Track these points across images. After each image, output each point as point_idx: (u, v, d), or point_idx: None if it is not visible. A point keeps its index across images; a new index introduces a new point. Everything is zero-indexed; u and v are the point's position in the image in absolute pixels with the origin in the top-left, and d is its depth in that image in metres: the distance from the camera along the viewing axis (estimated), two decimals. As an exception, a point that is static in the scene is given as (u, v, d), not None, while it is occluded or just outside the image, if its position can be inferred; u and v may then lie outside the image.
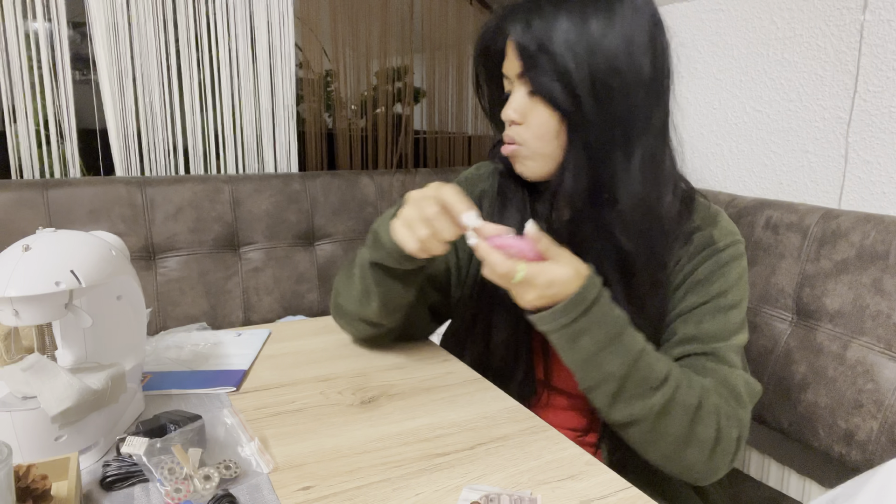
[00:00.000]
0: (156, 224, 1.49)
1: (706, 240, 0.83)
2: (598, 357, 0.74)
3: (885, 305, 0.97)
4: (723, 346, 0.80)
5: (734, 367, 0.80)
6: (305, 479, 0.64)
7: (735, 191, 1.42)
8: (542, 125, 0.79)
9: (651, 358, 0.75)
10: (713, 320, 0.81)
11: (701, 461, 0.76)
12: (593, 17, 0.75)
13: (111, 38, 1.50)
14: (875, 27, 1.15)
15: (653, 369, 0.74)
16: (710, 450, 0.76)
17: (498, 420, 0.77)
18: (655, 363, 0.75)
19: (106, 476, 0.63)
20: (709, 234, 0.84)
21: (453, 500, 0.61)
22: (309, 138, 1.81)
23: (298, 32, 1.74)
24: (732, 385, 0.78)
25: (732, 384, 0.78)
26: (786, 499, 1.13)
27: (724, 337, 0.81)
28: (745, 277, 0.85)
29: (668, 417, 0.74)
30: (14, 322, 0.63)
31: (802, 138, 1.29)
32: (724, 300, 0.82)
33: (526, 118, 0.80)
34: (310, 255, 1.65)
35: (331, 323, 1.14)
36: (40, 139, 1.50)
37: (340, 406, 0.81)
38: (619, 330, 0.74)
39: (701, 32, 1.48)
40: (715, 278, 0.82)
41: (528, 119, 0.80)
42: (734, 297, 0.83)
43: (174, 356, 0.95)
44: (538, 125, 0.80)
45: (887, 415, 0.94)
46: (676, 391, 0.74)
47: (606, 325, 0.74)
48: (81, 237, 0.69)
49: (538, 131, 0.80)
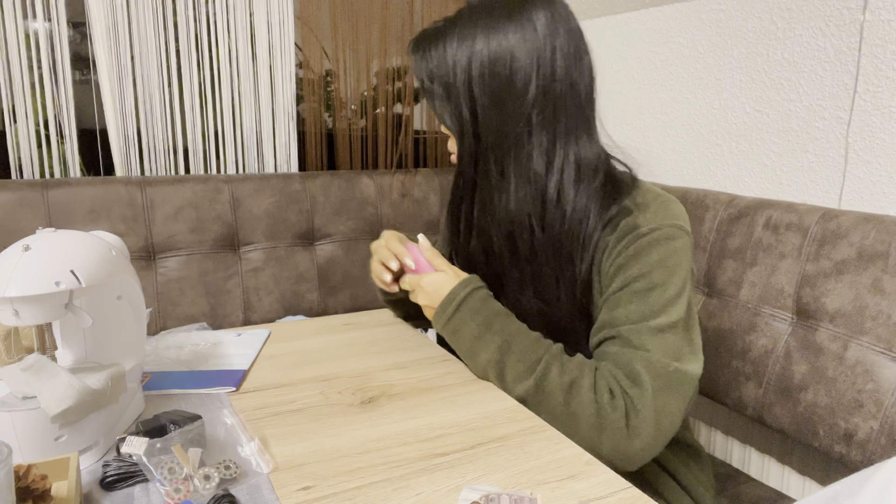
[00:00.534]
0: (156, 224, 1.49)
1: (630, 226, 0.84)
2: (475, 346, 0.86)
3: (885, 305, 0.97)
4: (631, 329, 0.80)
5: (639, 349, 0.78)
6: (305, 479, 0.64)
7: (735, 191, 1.42)
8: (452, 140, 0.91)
9: (525, 342, 0.84)
10: (627, 304, 0.81)
11: (587, 435, 0.76)
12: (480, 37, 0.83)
13: (111, 38, 1.50)
14: (875, 27, 1.15)
15: (526, 352, 0.83)
16: (589, 424, 0.76)
17: (498, 420, 0.77)
18: (531, 347, 0.83)
19: (106, 476, 0.63)
20: (633, 220, 0.84)
21: (453, 500, 0.61)
22: (309, 138, 1.81)
23: (298, 32, 1.74)
24: (628, 366, 0.78)
25: (628, 365, 0.78)
26: (786, 498, 1.13)
27: (636, 319, 0.80)
28: (676, 259, 0.83)
29: (543, 396, 0.80)
30: (14, 322, 0.63)
31: (802, 138, 1.29)
32: (641, 283, 0.81)
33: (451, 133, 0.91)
34: (310, 255, 1.65)
35: (331, 323, 1.14)
36: (40, 139, 1.50)
37: (340, 406, 0.81)
38: (490, 320, 0.86)
39: (701, 32, 1.49)
40: (633, 263, 0.82)
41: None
42: (654, 280, 0.81)
43: (174, 356, 0.95)
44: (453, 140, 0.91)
45: (887, 415, 0.94)
46: (548, 370, 0.80)
47: (478, 317, 0.86)
48: (81, 237, 0.69)
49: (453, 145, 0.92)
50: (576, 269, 0.86)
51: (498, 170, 0.86)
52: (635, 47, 1.67)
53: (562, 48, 0.83)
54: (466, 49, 0.84)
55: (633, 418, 0.76)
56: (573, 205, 0.85)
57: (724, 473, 1.20)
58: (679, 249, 0.83)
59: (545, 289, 0.89)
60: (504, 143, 0.85)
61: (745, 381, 1.14)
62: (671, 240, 0.83)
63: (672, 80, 1.57)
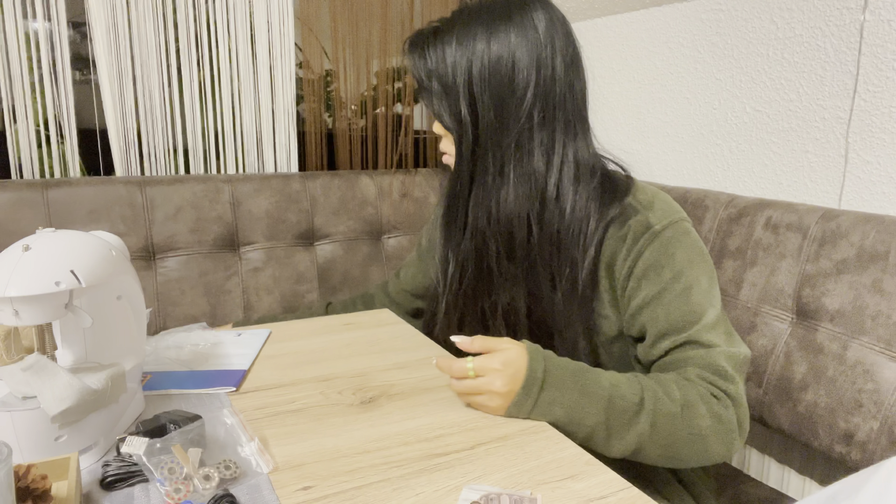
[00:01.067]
0: (156, 224, 1.49)
1: (643, 225, 0.85)
2: (576, 416, 0.76)
3: (885, 305, 0.97)
4: (696, 330, 0.82)
5: (713, 347, 0.81)
6: (305, 479, 0.64)
7: (735, 191, 1.42)
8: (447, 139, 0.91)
9: (621, 390, 0.77)
10: (677, 308, 0.83)
11: (714, 447, 0.78)
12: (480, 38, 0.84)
13: (111, 38, 1.50)
14: (875, 27, 1.15)
15: (626, 399, 0.77)
16: (715, 434, 0.77)
17: (498, 420, 0.77)
18: (627, 392, 0.77)
19: (106, 476, 0.63)
20: (644, 218, 0.86)
21: (453, 500, 0.61)
22: (309, 138, 1.81)
23: (298, 32, 1.74)
24: (714, 365, 0.80)
25: (714, 364, 0.80)
26: (786, 499, 1.13)
27: (693, 320, 0.82)
28: (697, 251, 0.86)
29: (662, 431, 0.76)
30: (14, 322, 0.63)
31: (802, 138, 1.29)
32: (680, 284, 0.83)
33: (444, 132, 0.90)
34: (310, 255, 1.65)
35: (331, 322, 1.14)
36: (40, 139, 1.50)
37: (340, 406, 0.81)
38: (581, 383, 0.77)
39: (701, 32, 1.49)
40: (663, 263, 0.84)
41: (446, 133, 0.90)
42: (689, 278, 0.84)
43: (174, 356, 0.95)
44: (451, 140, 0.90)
45: (887, 415, 0.94)
46: (657, 405, 0.77)
47: (566, 386, 0.77)
48: (81, 237, 0.69)
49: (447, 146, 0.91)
50: (577, 266, 0.86)
51: (497, 168, 0.87)
52: (635, 47, 1.67)
53: (561, 49, 0.85)
54: (467, 49, 0.85)
55: (738, 411, 0.79)
56: (573, 203, 0.86)
57: (724, 473, 1.20)
58: (695, 240, 0.87)
59: (539, 287, 0.89)
60: (504, 141, 0.86)
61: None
62: (687, 234, 0.86)
63: (672, 80, 1.57)
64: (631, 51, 1.68)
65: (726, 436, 0.78)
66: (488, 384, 0.76)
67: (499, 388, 0.76)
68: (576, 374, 0.78)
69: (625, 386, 0.78)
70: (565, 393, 0.76)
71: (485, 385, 0.76)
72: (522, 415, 0.77)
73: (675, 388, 0.78)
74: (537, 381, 0.76)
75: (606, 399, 0.76)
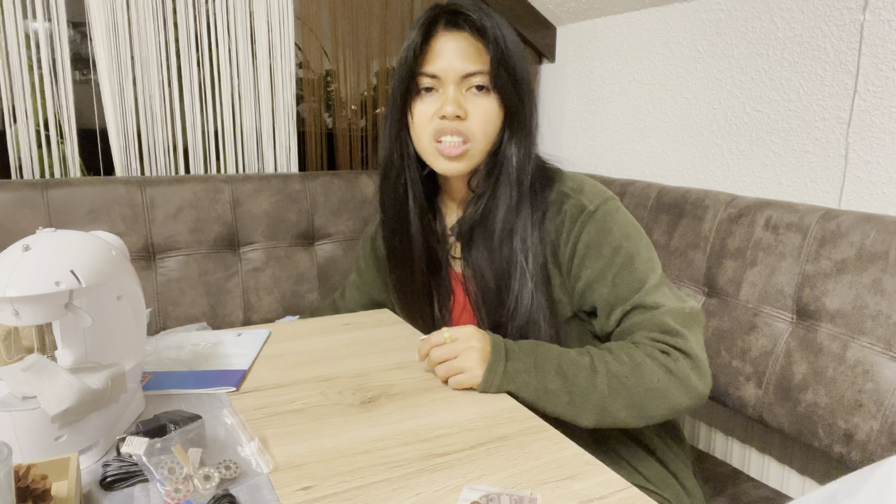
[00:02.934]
0: (156, 224, 1.49)
1: (577, 208, 0.92)
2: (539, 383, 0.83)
3: (885, 305, 0.97)
4: (641, 295, 0.88)
5: (658, 307, 0.87)
6: (305, 479, 0.64)
7: (735, 191, 1.42)
8: (490, 118, 0.90)
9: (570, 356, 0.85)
10: (621, 280, 0.89)
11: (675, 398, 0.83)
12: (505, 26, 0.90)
13: (111, 38, 1.50)
14: (875, 27, 1.15)
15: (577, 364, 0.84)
16: (671, 386, 0.83)
17: (498, 420, 0.77)
18: (575, 357, 0.85)
19: (106, 476, 0.63)
20: (577, 201, 0.92)
21: (453, 500, 0.61)
22: (309, 138, 1.81)
23: (298, 32, 1.74)
24: (661, 324, 0.86)
25: (661, 323, 0.86)
26: (786, 498, 1.13)
27: (637, 287, 0.88)
28: (631, 225, 0.93)
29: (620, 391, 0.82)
30: (14, 322, 0.63)
31: (802, 138, 1.29)
32: (620, 257, 0.90)
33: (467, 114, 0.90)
34: (310, 255, 1.65)
35: (331, 322, 1.14)
36: (40, 139, 1.50)
37: (340, 406, 0.81)
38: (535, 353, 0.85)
39: (701, 32, 1.49)
40: (602, 240, 0.90)
41: (470, 113, 0.90)
42: (629, 250, 0.90)
43: (174, 356, 0.95)
44: (486, 119, 0.90)
45: (887, 415, 0.94)
46: (609, 367, 0.83)
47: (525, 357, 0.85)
48: (81, 237, 0.69)
49: (486, 126, 0.91)
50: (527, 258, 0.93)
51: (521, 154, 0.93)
52: (635, 47, 1.67)
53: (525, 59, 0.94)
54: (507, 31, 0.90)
55: (690, 362, 0.84)
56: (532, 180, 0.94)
57: (724, 473, 1.20)
58: (627, 216, 0.94)
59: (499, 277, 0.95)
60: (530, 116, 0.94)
61: (745, 381, 1.14)
62: (619, 210, 0.93)
63: (672, 80, 1.57)
64: (631, 51, 1.68)
65: (682, 386, 0.83)
66: (466, 341, 0.85)
67: (476, 345, 0.84)
68: (529, 347, 0.86)
69: (574, 354, 0.85)
70: (525, 361, 0.84)
71: (463, 343, 0.85)
72: (496, 382, 0.83)
73: (623, 352, 0.84)
74: (502, 350, 0.85)
75: (557, 364, 0.83)
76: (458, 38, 0.89)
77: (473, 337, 0.85)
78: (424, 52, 0.89)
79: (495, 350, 0.84)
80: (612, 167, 1.76)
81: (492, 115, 0.90)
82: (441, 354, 0.86)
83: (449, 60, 0.89)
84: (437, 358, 0.86)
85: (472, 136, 0.90)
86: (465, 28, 0.89)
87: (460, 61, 0.88)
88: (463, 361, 0.84)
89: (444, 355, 0.85)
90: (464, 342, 0.85)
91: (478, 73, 0.89)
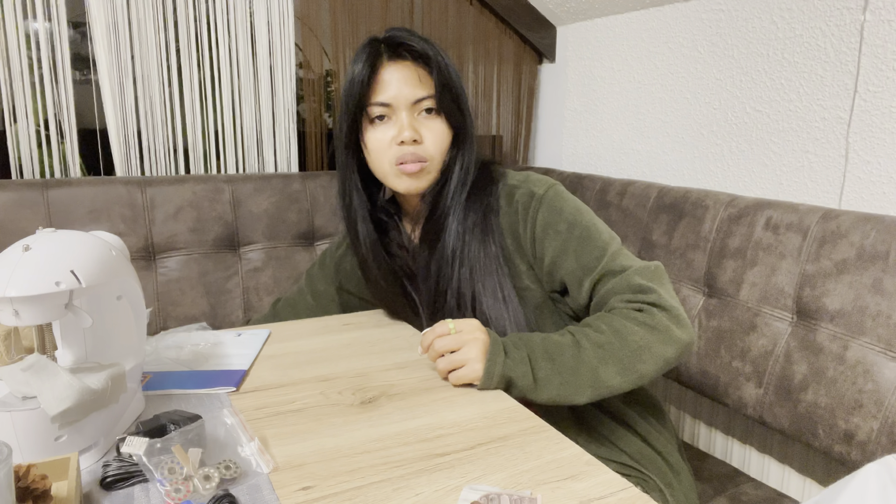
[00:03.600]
0: (156, 224, 1.49)
1: (527, 195, 0.98)
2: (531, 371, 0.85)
3: (885, 305, 0.97)
4: (606, 262, 0.92)
5: (625, 269, 0.91)
6: (305, 479, 0.64)
7: (735, 191, 1.42)
8: (442, 138, 0.98)
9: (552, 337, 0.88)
10: (584, 251, 0.94)
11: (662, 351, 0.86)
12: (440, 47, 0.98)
13: (111, 38, 1.50)
14: (875, 27, 1.15)
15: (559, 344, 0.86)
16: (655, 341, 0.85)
17: (498, 420, 0.77)
18: (556, 338, 0.87)
19: (106, 476, 0.63)
20: (527, 189, 0.99)
21: (453, 500, 0.61)
22: (309, 138, 1.81)
23: (298, 32, 1.74)
24: (632, 285, 0.89)
25: (631, 284, 0.90)
26: (786, 499, 1.13)
27: (601, 255, 0.93)
28: (578, 202, 1.00)
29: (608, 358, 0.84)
30: (14, 322, 0.63)
31: (802, 138, 1.29)
32: (577, 231, 0.95)
33: (422, 137, 0.96)
34: (310, 255, 1.65)
35: (331, 323, 1.14)
36: (40, 139, 1.50)
37: (340, 406, 0.81)
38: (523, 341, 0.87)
39: (701, 32, 1.49)
40: (555, 219, 0.96)
41: (425, 137, 0.97)
42: (584, 223, 0.96)
43: (174, 356, 0.95)
44: (440, 139, 0.98)
45: (887, 415, 0.94)
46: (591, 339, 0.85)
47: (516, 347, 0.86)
48: (81, 237, 0.69)
49: (440, 145, 0.98)
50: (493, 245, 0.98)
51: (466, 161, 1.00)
52: (635, 47, 1.67)
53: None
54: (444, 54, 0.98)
55: (667, 314, 0.87)
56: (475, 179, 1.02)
57: (723, 473, 1.20)
58: (573, 197, 1.01)
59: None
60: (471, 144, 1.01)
61: (745, 381, 1.14)
62: (565, 192, 1.00)
63: (672, 80, 1.57)
64: (631, 51, 1.68)
65: (665, 338, 0.86)
66: (470, 332, 0.87)
67: (479, 336, 0.86)
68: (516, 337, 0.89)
69: (555, 336, 0.88)
70: (519, 352, 0.86)
71: (468, 334, 0.86)
72: (497, 372, 0.84)
73: (601, 322, 0.87)
74: (500, 342, 0.86)
75: (543, 349, 0.86)
76: (402, 68, 0.96)
77: (477, 329, 0.88)
78: (372, 83, 0.96)
79: (494, 343, 0.86)
80: (612, 167, 1.76)
81: (443, 134, 0.98)
82: (445, 345, 0.87)
83: (399, 88, 0.95)
84: (441, 348, 0.87)
85: (430, 157, 0.97)
86: (408, 57, 0.96)
87: (409, 88, 0.95)
88: (465, 353, 0.85)
89: (448, 346, 0.86)
90: (468, 333, 0.87)
91: (426, 97, 0.96)
